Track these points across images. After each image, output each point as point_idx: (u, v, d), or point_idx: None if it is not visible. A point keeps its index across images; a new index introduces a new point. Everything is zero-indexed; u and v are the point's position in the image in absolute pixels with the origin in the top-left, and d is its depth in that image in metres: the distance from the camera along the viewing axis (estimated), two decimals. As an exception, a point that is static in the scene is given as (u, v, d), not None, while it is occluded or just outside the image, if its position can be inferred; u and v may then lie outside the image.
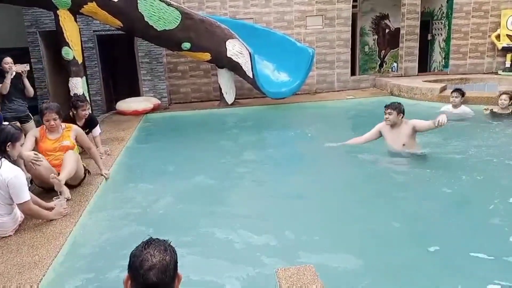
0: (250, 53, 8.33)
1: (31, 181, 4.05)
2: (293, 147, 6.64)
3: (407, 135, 5.00)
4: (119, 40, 9.43)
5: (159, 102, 9.19)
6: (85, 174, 4.38)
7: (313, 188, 4.52)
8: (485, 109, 7.17)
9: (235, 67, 8.55)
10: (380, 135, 5.28)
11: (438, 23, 11.61)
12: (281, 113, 8.68)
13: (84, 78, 7.58)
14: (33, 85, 6.64)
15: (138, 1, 7.27)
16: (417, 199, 4.11)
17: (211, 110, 9.08)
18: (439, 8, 11.46)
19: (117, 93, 10.12)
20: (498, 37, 10.95)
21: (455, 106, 7.13)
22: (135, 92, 9.51)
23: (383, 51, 11.70)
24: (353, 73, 11.25)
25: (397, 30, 11.14)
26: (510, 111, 6.79)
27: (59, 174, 3.92)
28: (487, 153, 5.26)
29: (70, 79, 7.27)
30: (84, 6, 7.03)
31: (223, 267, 2.97)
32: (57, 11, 6.99)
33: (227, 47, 8.27)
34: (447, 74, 11.00)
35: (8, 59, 5.21)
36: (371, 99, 9.42)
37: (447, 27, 11.21)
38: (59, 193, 3.77)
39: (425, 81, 9.70)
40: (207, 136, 7.08)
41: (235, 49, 8.32)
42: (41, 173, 3.86)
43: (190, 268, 2.85)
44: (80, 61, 7.36)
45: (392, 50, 11.55)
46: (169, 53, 9.59)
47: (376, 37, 11.65)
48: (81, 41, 7.72)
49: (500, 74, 10.73)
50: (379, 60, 11.77)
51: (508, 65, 10.94)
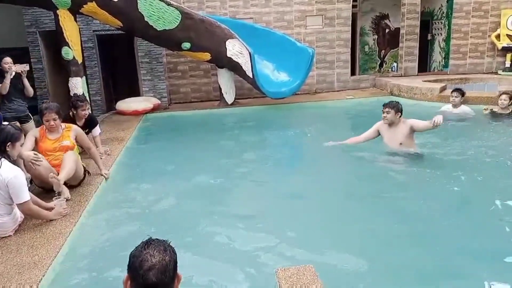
0: (250, 53, 8.32)
1: (30, 181, 4.05)
2: (293, 147, 6.64)
3: (404, 135, 5.00)
4: (119, 40, 9.43)
5: (159, 102, 9.19)
6: (84, 174, 4.38)
7: (312, 188, 4.52)
8: (484, 109, 7.17)
9: (235, 67, 8.54)
10: (379, 134, 5.28)
11: (438, 23, 11.61)
12: (281, 113, 8.68)
13: (84, 78, 7.58)
14: (33, 85, 6.64)
15: (138, 1, 7.27)
16: (416, 199, 4.10)
17: (211, 110, 9.08)
18: (439, 8, 11.46)
19: (117, 93, 10.12)
20: (498, 37, 10.95)
21: (455, 106, 7.14)
22: (135, 92, 9.51)
23: (383, 51, 11.69)
24: (353, 73, 11.25)
25: (397, 30, 11.13)
26: (510, 111, 6.79)
27: (58, 174, 3.92)
28: (487, 153, 5.26)
29: (70, 79, 7.27)
30: (84, 6, 7.03)
31: (223, 267, 2.98)
32: (57, 11, 6.99)
33: (227, 47, 8.27)
34: (447, 74, 11.00)
35: (8, 59, 5.19)
36: (371, 99, 9.42)
37: (447, 27, 11.21)
38: (56, 194, 3.76)
39: (425, 81, 9.70)
40: (207, 136, 7.08)
41: (235, 49, 8.32)
42: (40, 173, 3.85)
43: (190, 268, 2.85)
44: (80, 61, 7.35)
45: (392, 50, 11.55)
46: (169, 53, 9.59)
47: (376, 37, 11.65)
48: (81, 41, 7.72)
49: (500, 74, 10.73)
50: (379, 60, 11.77)
51: (508, 65, 10.94)
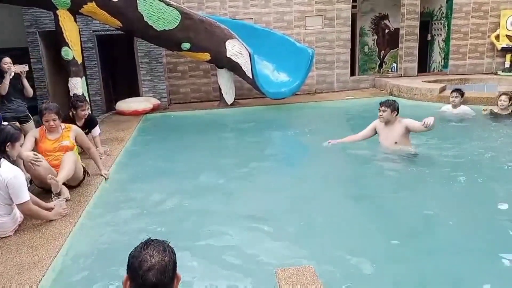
0: (249, 53, 8.33)
1: (30, 181, 4.05)
2: (292, 147, 6.64)
3: (399, 134, 5.00)
4: (119, 40, 9.43)
5: (159, 102, 9.19)
6: (84, 175, 4.38)
7: (312, 188, 4.52)
8: (484, 109, 7.18)
9: (234, 67, 8.55)
10: (376, 132, 5.28)
11: (438, 23, 11.62)
12: (281, 114, 8.68)
13: (84, 78, 7.58)
14: (32, 85, 6.64)
15: (138, 1, 7.27)
16: (416, 199, 4.10)
17: (211, 111, 9.08)
18: (439, 9, 11.47)
19: (117, 93, 10.11)
20: (497, 37, 10.96)
21: (454, 106, 7.14)
22: (134, 92, 9.51)
23: (382, 52, 11.69)
24: (352, 73, 11.25)
25: (397, 30, 11.14)
26: (510, 111, 6.80)
27: (58, 174, 3.92)
28: (486, 153, 5.26)
29: (70, 79, 7.27)
30: (84, 6, 7.03)
31: (223, 267, 2.97)
32: (57, 11, 6.99)
33: (226, 47, 8.27)
34: (447, 75, 11.01)
35: (7, 59, 5.18)
36: (370, 99, 9.41)
37: (446, 28, 11.22)
38: (54, 194, 3.76)
39: (424, 81, 9.70)
40: (206, 136, 7.07)
41: (234, 49, 8.32)
42: (40, 174, 3.85)
43: (189, 269, 2.86)
44: (79, 61, 7.36)
45: (391, 51, 11.54)
46: (168, 53, 9.59)
47: (375, 37, 11.64)
48: (80, 41, 7.72)
49: (499, 75, 10.73)
50: (378, 61, 11.76)
51: (507, 65, 10.95)
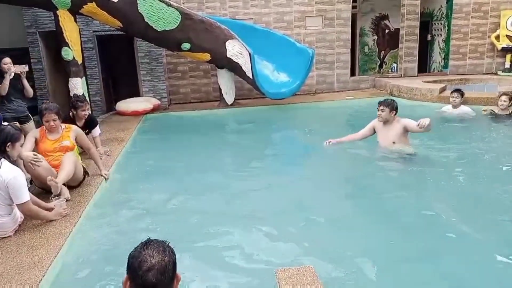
0: (249, 54, 8.33)
1: (30, 182, 4.05)
2: (292, 148, 6.64)
3: (397, 134, 5.00)
4: (119, 40, 9.43)
5: (159, 102, 9.19)
6: (84, 175, 4.38)
7: (312, 188, 4.52)
8: (483, 110, 7.18)
9: (235, 68, 8.55)
10: (374, 131, 5.29)
11: (438, 23, 11.62)
12: (281, 114, 8.68)
13: (84, 78, 7.59)
14: (32, 86, 6.64)
15: (138, 2, 7.27)
16: (416, 199, 4.11)
17: (211, 111, 9.08)
18: (439, 9, 11.47)
19: (117, 93, 10.12)
20: (497, 37, 10.96)
21: (455, 106, 7.14)
22: (135, 92, 9.51)
23: (382, 52, 11.70)
24: (352, 73, 11.25)
25: (397, 30, 11.14)
26: (510, 112, 6.80)
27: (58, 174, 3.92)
28: (486, 154, 5.27)
29: (70, 79, 7.28)
30: (84, 6, 7.04)
31: (223, 267, 2.97)
32: (57, 11, 7.00)
33: (226, 47, 8.27)
34: (447, 75, 11.01)
35: (7, 60, 5.17)
36: (370, 99, 9.40)
37: (446, 28, 11.22)
38: (53, 195, 3.76)
39: (424, 81, 9.70)
40: (206, 136, 7.07)
41: (235, 49, 8.32)
42: (40, 174, 3.85)
43: (189, 269, 2.85)
44: (79, 61, 7.36)
45: (391, 51, 11.55)
46: (169, 53, 9.60)
47: (375, 37, 11.65)
48: (80, 41, 7.73)
49: (499, 75, 10.74)
50: (378, 61, 11.77)
51: (507, 65, 10.96)
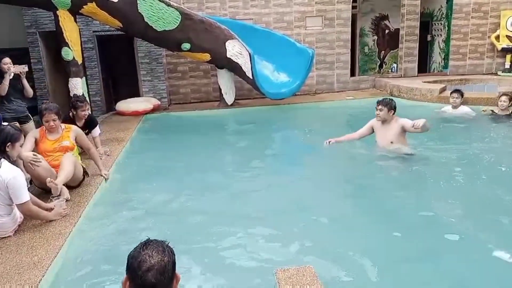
0: (249, 54, 8.33)
1: (30, 182, 4.05)
2: (292, 148, 6.64)
3: (395, 133, 5.00)
4: (119, 40, 9.43)
5: (159, 102, 9.19)
6: (84, 175, 4.38)
7: (312, 188, 4.52)
8: (483, 110, 7.19)
9: (234, 68, 8.55)
10: (373, 130, 5.29)
11: (438, 23, 11.62)
12: (281, 114, 8.67)
13: (84, 78, 7.59)
14: (32, 86, 6.64)
15: (138, 2, 7.27)
16: (416, 200, 4.11)
17: (211, 111, 9.08)
18: (439, 9, 11.47)
19: (117, 93, 10.12)
20: (497, 38, 10.96)
21: (455, 107, 7.15)
22: (135, 92, 9.51)
23: (382, 52, 11.70)
24: (352, 73, 11.26)
25: (397, 30, 11.14)
26: (510, 112, 6.80)
27: (58, 174, 3.92)
28: (486, 154, 5.26)
29: (70, 79, 7.28)
30: (84, 6, 7.04)
31: (223, 267, 2.98)
32: (57, 12, 7.00)
33: (226, 47, 8.27)
34: (447, 75, 11.01)
35: (7, 60, 5.17)
36: (370, 99, 9.40)
37: (446, 28, 11.22)
38: (52, 195, 3.77)
39: (424, 82, 9.71)
40: (206, 136, 7.07)
41: (234, 49, 8.32)
42: (40, 174, 3.85)
43: (189, 269, 2.86)
44: (79, 61, 7.36)
45: (391, 51, 11.55)
46: (169, 53, 9.59)
47: (375, 37, 11.65)
48: (80, 41, 7.72)
49: (499, 75, 10.74)
50: (378, 61, 11.77)
51: (507, 66, 10.96)
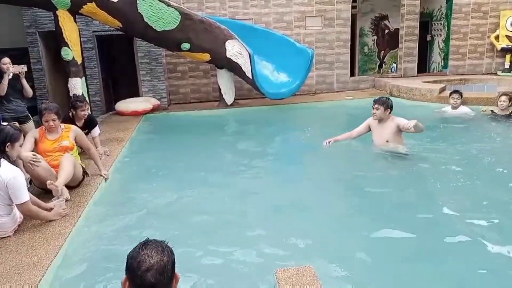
0: (249, 54, 8.33)
1: (30, 182, 4.05)
2: (292, 148, 6.64)
3: (391, 132, 5.01)
4: (119, 40, 9.43)
5: (159, 102, 9.19)
6: (83, 175, 4.38)
7: (312, 188, 4.52)
8: (483, 110, 7.19)
9: (234, 68, 8.55)
10: (370, 129, 5.30)
11: (438, 23, 11.62)
12: (281, 114, 8.67)
13: (84, 78, 7.58)
14: (32, 86, 6.64)
15: (138, 2, 7.27)
16: (416, 199, 4.11)
17: (211, 111, 9.08)
18: (439, 9, 11.47)
19: (117, 93, 10.11)
20: (497, 37, 10.96)
21: (455, 107, 7.15)
22: (134, 92, 9.51)
23: (382, 52, 11.70)
24: (352, 73, 11.26)
25: (397, 30, 11.14)
26: (510, 112, 6.80)
27: (57, 174, 3.91)
28: (485, 154, 5.26)
29: (70, 79, 7.27)
30: (84, 6, 7.03)
31: (222, 268, 2.98)
32: (57, 12, 6.99)
33: (226, 47, 8.27)
34: (447, 75, 11.02)
35: (6, 60, 5.16)
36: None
37: (446, 28, 11.23)
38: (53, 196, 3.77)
39: (424, 81, 9.71)
40: (206, 136, 7.07)
41: (234, 49, 8.32)
42: (39, 174, 3.85)
43: (188, 269, 2.85)
44: (79, 61, 7.36)
45: (391, 51, 11.55)
46: (168, 53, 9.59)
47: (375, 37, 11.65)
48: (80, 41, 7.72)
49: (499, 75, 10.74)
50: (378, 61, 11.77)
51: (507, 65, 10.96)
